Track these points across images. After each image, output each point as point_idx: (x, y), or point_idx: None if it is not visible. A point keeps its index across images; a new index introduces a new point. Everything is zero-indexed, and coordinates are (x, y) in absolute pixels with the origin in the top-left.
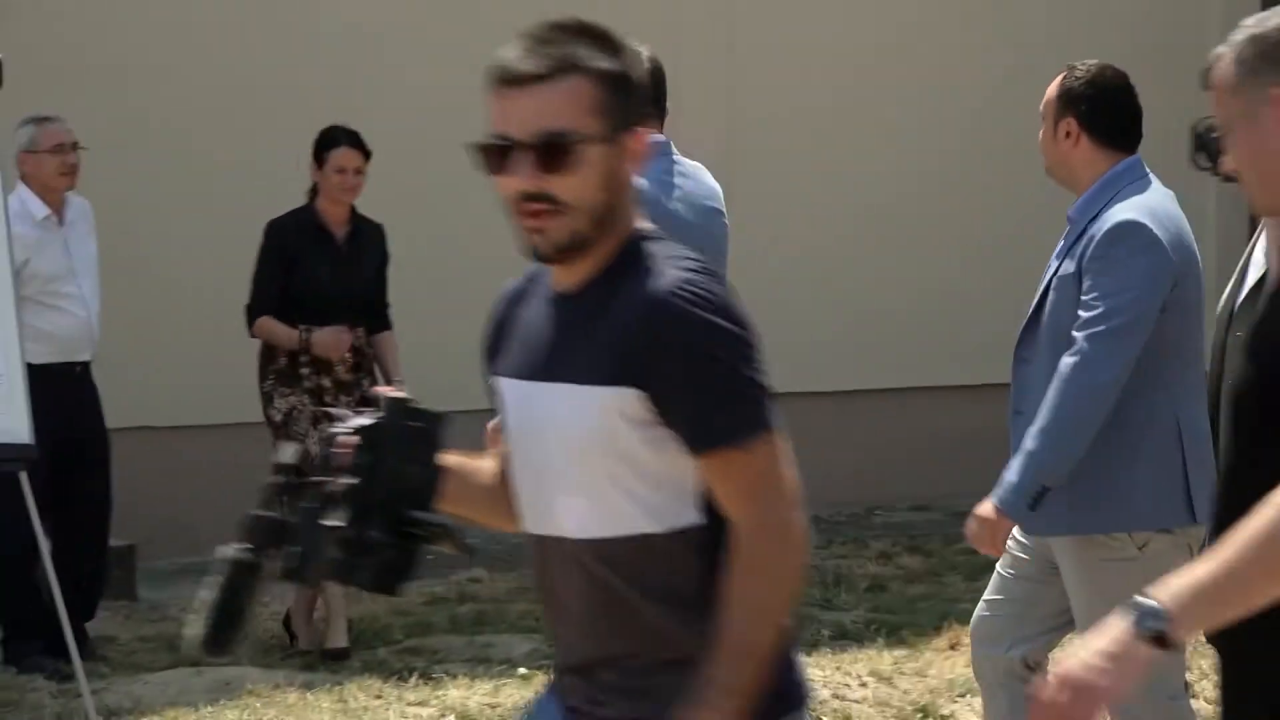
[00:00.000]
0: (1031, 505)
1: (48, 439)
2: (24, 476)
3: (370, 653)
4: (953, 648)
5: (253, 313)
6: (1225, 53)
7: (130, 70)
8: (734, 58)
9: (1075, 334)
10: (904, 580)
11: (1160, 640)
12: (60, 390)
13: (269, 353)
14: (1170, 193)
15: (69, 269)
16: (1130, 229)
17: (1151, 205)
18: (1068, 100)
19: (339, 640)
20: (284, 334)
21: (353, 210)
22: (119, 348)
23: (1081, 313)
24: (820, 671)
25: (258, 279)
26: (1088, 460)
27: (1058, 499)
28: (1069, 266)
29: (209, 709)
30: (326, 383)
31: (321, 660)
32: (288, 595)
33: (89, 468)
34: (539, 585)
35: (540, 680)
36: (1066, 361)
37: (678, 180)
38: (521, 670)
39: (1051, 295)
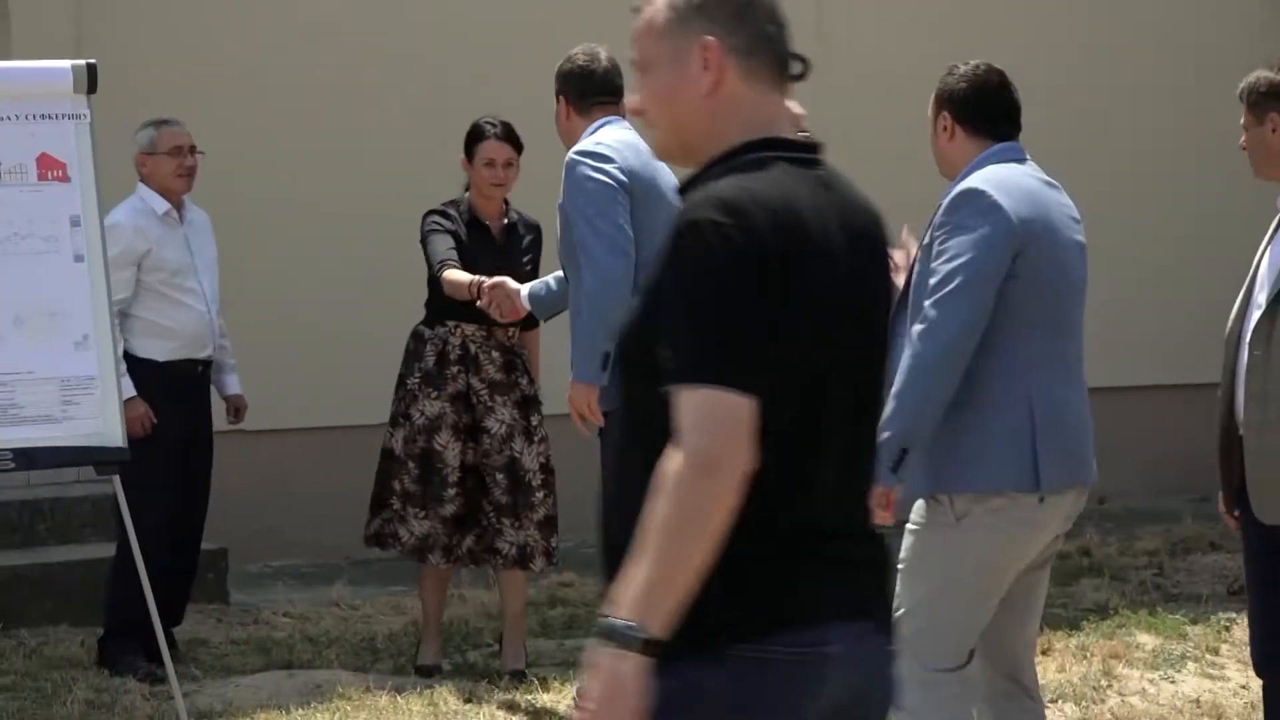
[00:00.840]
0: (894, 468)
1: (173, 437)
2: (117, 480)
3: (461, 656)
4: (1044, 653)
5: (440, 268)
6: None
7: (240, 75)
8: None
9: (924, 303)
10: None
11: (647, 646)
12: (182, 388)
13: (417, 350)
14: (1037, 174)
15: (191, 265)
16: (970, 195)
17: (1000, 175)
18: (943, 98)
19: (514, 662)
20: (461, 280)
21: (508, 205)
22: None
23: (930, 280)
24: None
25: (434, 245)
26: (942, 424)
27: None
28: (925, 238)
29: (300, 712)
30: (476, 383)
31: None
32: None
33: (198, 478)
34: None
35: None
36: (915, 329)
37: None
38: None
39: (916, 267)
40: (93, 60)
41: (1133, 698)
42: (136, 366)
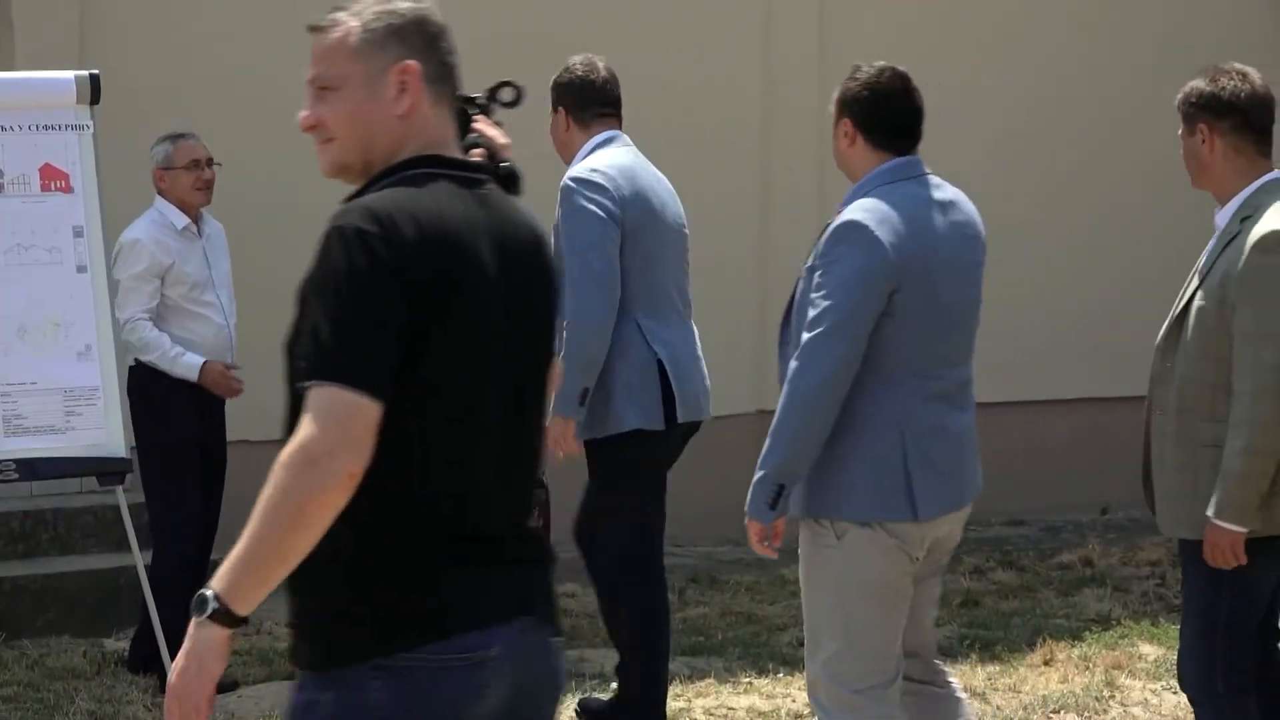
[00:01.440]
0: (772, 504)
1: (196, 445)
2: (120, 491)
3: None
4: (1046, 663)
5: None
6: (349, 19)
7: (243, 85)
8: (824, 58)
9: (803, 335)
10: (998, 595)
11: (226, 618)
12: (202, 398)
13: None
14: (929, 192)
15: (209, 278)
16: (850, 228)
17: (885, 207)
18: (845, 103)
19: None
20: None
21: None
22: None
23: (810, 311)
24: None
25: None
26: (824, 449)
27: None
28: (810, 260)
29: None
30: None
31: None
32: None
33: (212, 480)
34: None
35: None
36: (791, 365)
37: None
38: (614, 685)
39: (799, 286)
40: (96, 71)
41: (1135, 708)
42: (160, 378)
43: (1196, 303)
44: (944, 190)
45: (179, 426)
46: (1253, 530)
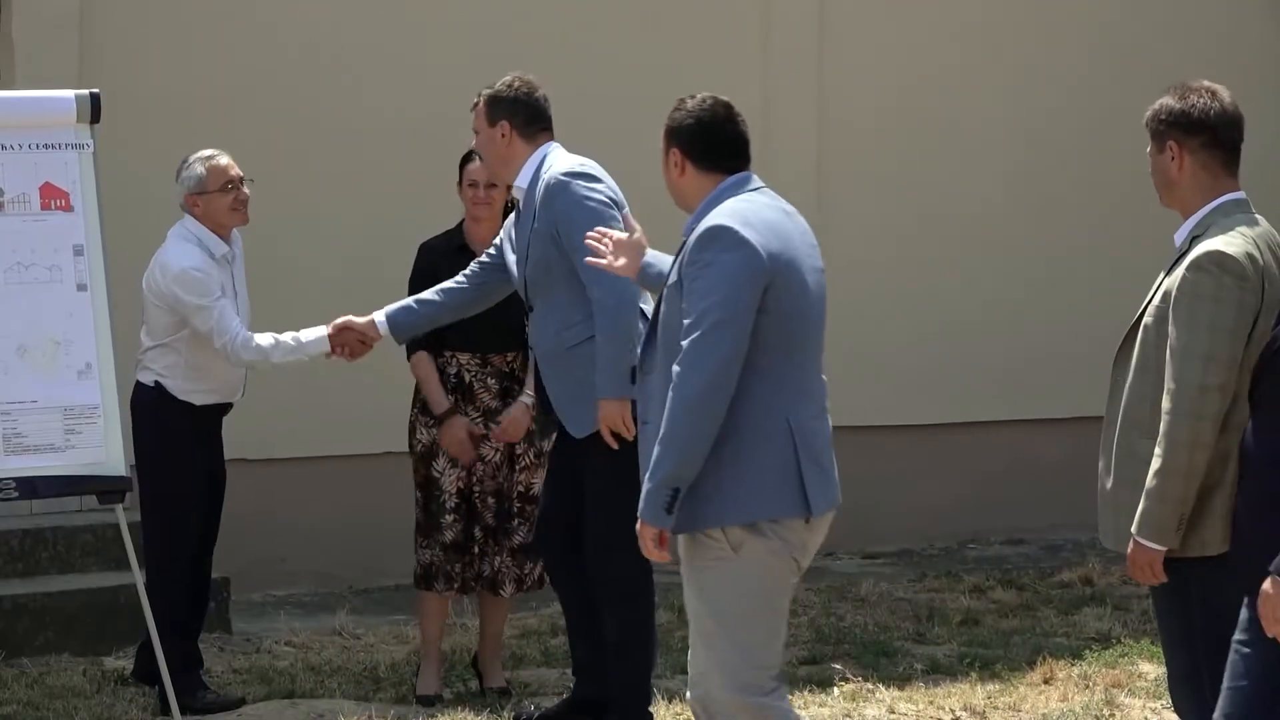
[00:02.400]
0: (668, 509)
1: (200, 472)
2: (120, 510)
3: (464, 685)
4: (1046, 682)
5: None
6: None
7: (242, 103)
8: (823, 79)
9: (681, 342)
10: (997, 614)
11: None
12: (208, 427)
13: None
14: (778, 204)
15: (237, 309)
16: (716, 232)
17: (743, 210)
18: (672, 133)
19: (498, 679)
20: (434, 394)
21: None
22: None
23: (685, 320)
24: (913, 705)
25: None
26: (707, 459)
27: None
28: (674, 276)
29: None
30: (472, 411)
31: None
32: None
33: (213, 500)
34: None
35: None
36: (675, 370)
37: None
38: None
39: (663, 306)
40: (96, 90)
41: None
42: (169, 404)
43: (1145, 319)
44: (782, 200)
45: (184, 450)
46: (1173, 551)
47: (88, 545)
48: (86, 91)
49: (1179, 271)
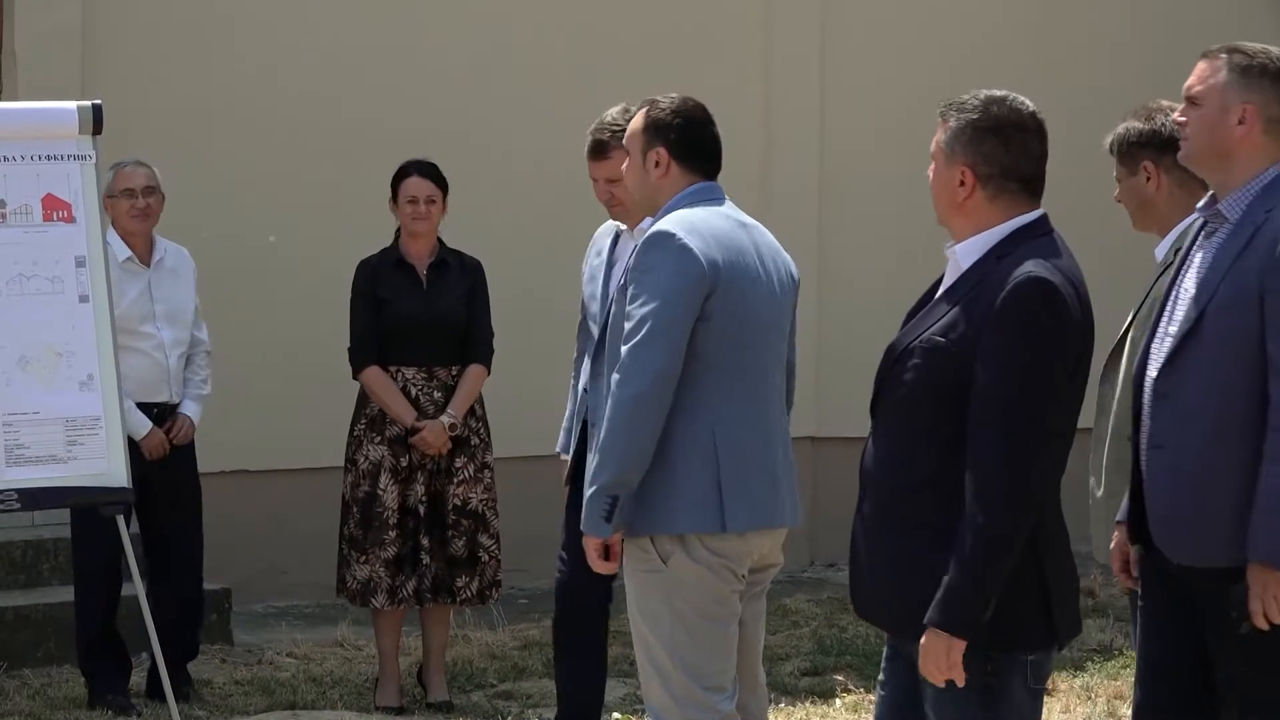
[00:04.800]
0: (606, 518)
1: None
2: (121, 520)
3: (465, 696)
4: (1049, 694)
5: (354, 356)
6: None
7: (242, 116)
8: (825, 96)
9: (620, 348)
10: None
11: None
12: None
13: (364, 396)
14: (733, 214)
15: (149, 312)
16: (659, 238)
17: (691, 218)
18: (657, 130)
19: (440, 693)
20: (399, 406)
21: (440, 244)
22: (213, 392)
23: (625, 324)
24: None
25: (351, 321)
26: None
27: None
28: (623, 280)
29: None
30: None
31: (423, 708)
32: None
33: (177, 510)
34: None
35: None
36: (614, 376)
37: None
38: (616, 715)
39: (613, 309)
40: (99, 101)
41: None
42: None
43: (1132, 332)
44: (743, 216)
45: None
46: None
47: None
48: (89, 103)
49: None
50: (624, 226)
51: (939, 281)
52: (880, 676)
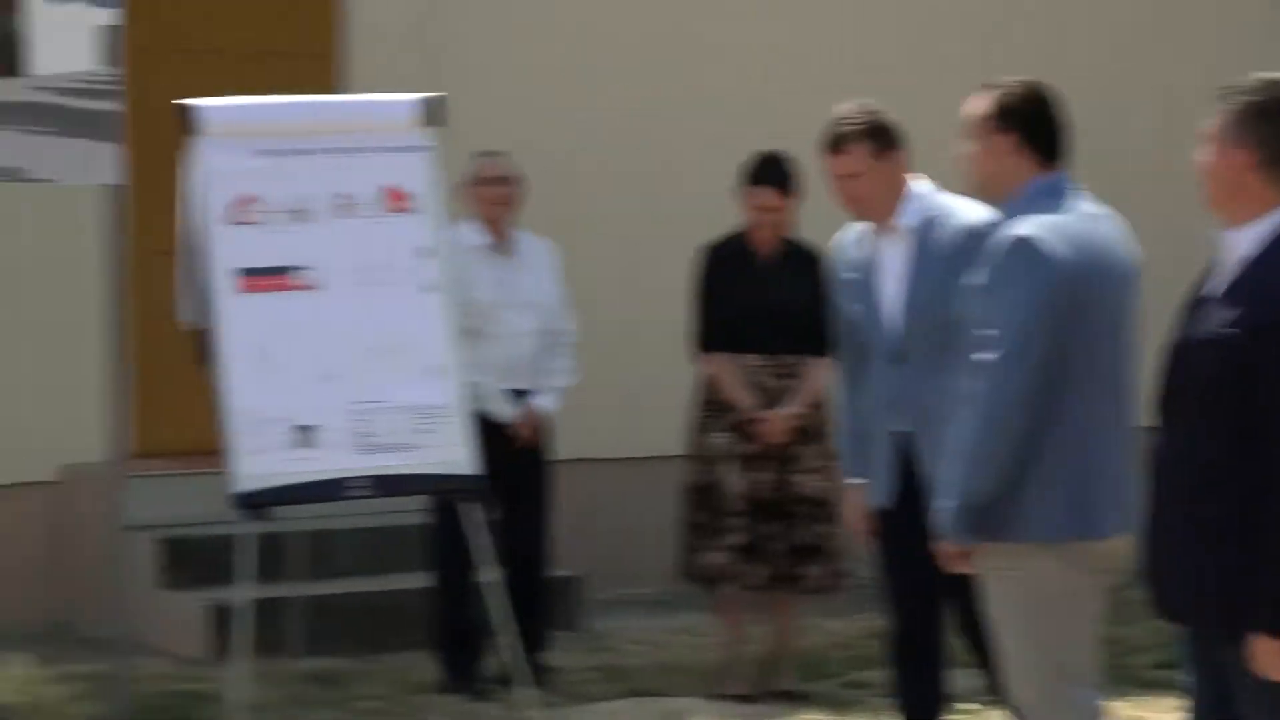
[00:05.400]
0: (972, 526)
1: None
2: (474, 508)
3: (812, 685)
4: None
5: (697, 343)
6: None
7: (574, 110)
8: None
9: (981, 356)
10: None
11: None
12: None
13: (705, 383)
14: (1085, 207)
15: (506, 299)
16: (1020, 245)
17: (1049, 219)
18: (1009, 114)
19: (787, 681)
20: (740, 393)
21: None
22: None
23: (984, 331)
24: None
25: (693, 306)
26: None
27: None
28: (975, 276)
29: None
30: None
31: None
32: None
33: (528, 498)
34: None
35: (986, 716)
36: (979, 386)
37: None
38: (963, 706)
39: (961, 304)
40: (439, 94)
41: None
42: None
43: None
44: (1093, 206)
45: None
46: None
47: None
48: (430, 95)
49: None
50: (865, 226)
51: (1210, 271)
52: (1186, 677)
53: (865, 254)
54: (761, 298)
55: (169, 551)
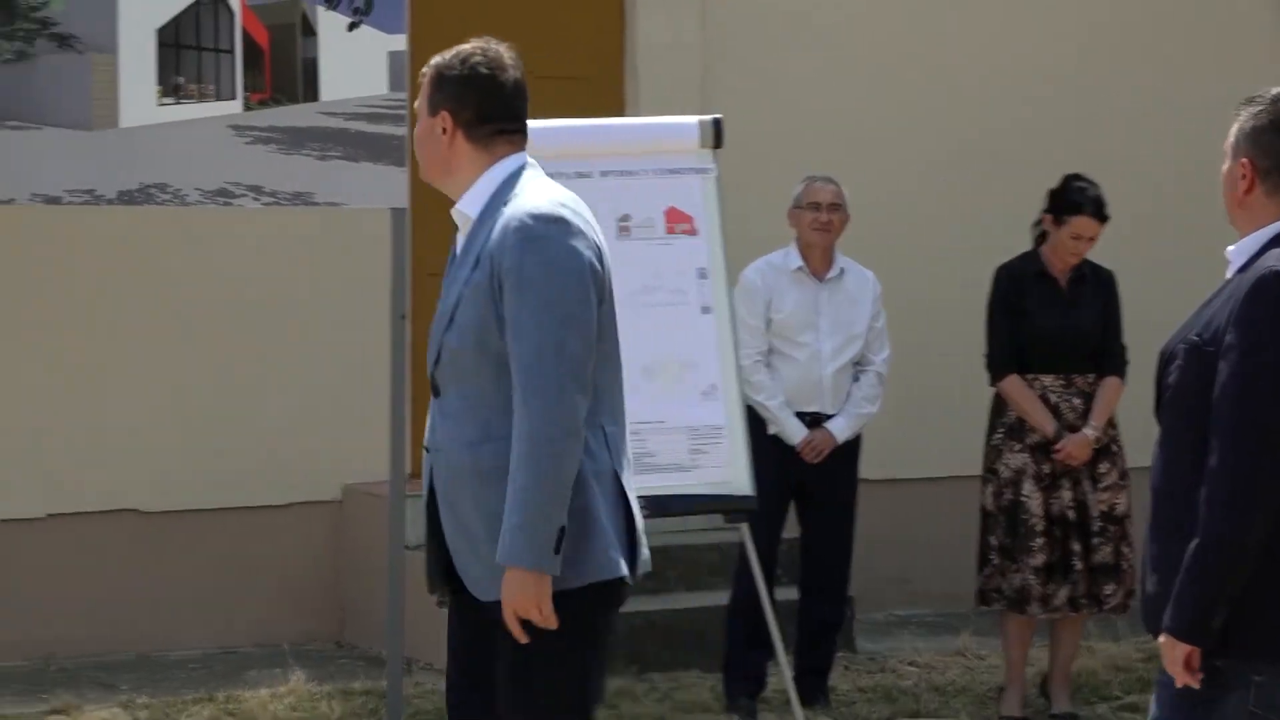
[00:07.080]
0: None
1: (766, 481)
2: (746, 528)
3: (1089, 708)
4: None
5: (992, 364)
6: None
7: (867, 129)
8: None
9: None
10: None
11: None
12: (773, 438)
13: (1000, 405)
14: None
15: (810, 322)
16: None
17: None
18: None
19: (1064, 704)
20: (1040, 415)
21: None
22: None
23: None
24: None
25: (989, 328)
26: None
27: None
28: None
29: None
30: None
31: None
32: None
33: (826, 522)
34: None
35: None
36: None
37: None
38: None
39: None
40: (719, 115)
41: None
42: (756, 420)
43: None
44: None
45: (763, 469)
46: None
47: (713, 564)
48: (709, 117)
49: None
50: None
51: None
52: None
53: None
54: (1059, 319)
55: None
